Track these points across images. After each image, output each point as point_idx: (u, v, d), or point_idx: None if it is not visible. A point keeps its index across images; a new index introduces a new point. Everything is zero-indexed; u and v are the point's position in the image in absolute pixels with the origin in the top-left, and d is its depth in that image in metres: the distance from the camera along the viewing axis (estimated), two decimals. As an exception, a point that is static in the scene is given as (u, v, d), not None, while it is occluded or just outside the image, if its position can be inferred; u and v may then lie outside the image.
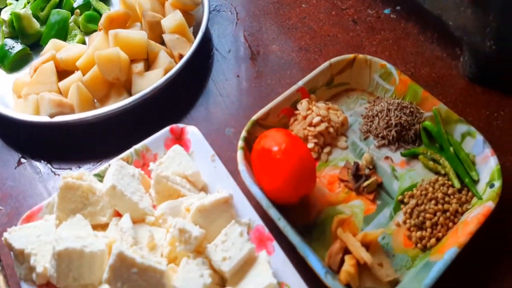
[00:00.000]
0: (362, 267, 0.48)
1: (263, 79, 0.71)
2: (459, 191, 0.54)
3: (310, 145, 0.60)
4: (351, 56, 0.65)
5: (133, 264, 0.43)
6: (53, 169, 0.63)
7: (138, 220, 0.52)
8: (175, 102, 0.68)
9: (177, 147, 0.57)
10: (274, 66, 0.73)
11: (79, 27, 0.79)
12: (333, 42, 0.76)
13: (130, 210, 0.51)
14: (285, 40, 0.77)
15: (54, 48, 0.72)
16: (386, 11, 0.80)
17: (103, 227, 0.53)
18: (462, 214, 0.53)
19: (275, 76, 0.72)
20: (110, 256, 0.43)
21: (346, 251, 0.49)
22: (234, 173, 0.57)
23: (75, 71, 0.69)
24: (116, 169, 0.53)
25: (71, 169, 0.62)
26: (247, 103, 0.68)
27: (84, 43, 0.78)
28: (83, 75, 0.66)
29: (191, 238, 0.47)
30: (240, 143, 0.56)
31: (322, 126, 0.59)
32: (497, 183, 0.51)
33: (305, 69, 0.72)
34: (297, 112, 0.62)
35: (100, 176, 0.56)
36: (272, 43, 0.77)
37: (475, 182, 0.54)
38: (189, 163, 0.56)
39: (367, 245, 0.50)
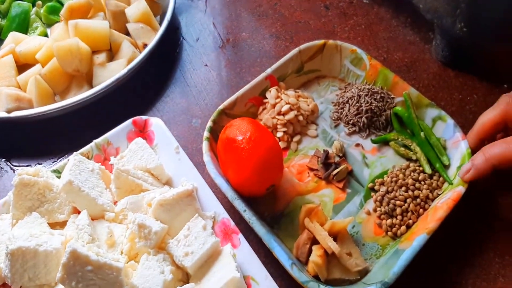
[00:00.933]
0: (330, 257, 0.47)
1: (232, 68, 0.69)
2: (430, 176, 0.53)
3: (279, 134, 0.58)
4: (321, 42, 0.63)
5: (87, 262, 0.41)
6: (13, 166, 0.60)
7: (98, 216, 0.50)
8: (140, 93, 0.66)
9: (139, 140, 0.55)
10: (243, 54, 0.71)
11: (41, 19, 0.76)
12: (304, 28, 0.74)
13: (88, 207, 0.49)
14: (255, 28, 0.75)
15: (13, 41, 0.69)
16: (359, -4, 0.78)
17: (62, 225, 0.50)
18: (433, 200, 0.51)
19: (245, 64, 0.69)
20: (65, 254, 0.41)
21: (314, 241, 0.47)
22: (201, 165, 0.55)
23: (36, 65, 0.66)
24: (74, 164, 0.50)
25: (30, 165, 0.60)
26: (215, 92, 0.66)
27: (46, 35, 0.75)
28: (43, 68, 0.63)
29: (150, 233, 0.45)
30: (206, 133, 0.54)
31: (291, 115, 0.57)
32: (468, 167, 0.50)
33: (276, 56, 0.70)
34: (266, 100, 0.60)
35: (58, 172, 0.53)
36: (242, 31, 0.74)
37: (446, 167, 0.53)
38: (151, 156, 0.54)
39: (336, 235, 0.48)
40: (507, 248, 0.50)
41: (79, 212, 0.50)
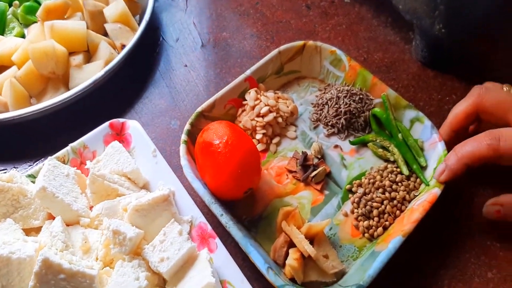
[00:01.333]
0: (307, 260, 0.47)
1: (212, 68, 0.68)
2: (408, 178, 0.53)
3: (258, 136, 0.57)
4: (300, 43, 0.62)
5: (60, 270, 0.40)
6: (-12, 171, 0.59)
7: (73, 222, 0.49)
8: (118, 95, 0.65)
9: (115, 144, 0.54)
10: (224, 54, 0.70)
11: (18, 19, 0.75)
12: (285, 28, 0.74)
13: (63, 212, 0.48)
14: (236, 27, 0.74)
15: (-12, 42, 0.68)
16: (340, -5, 0.78)
17: (37, 230, 0.50)
18: (409, 201, 0.51)
19: (225, 65, 0.69)
20: (38, 262, 0.41)
21: (291, 244, 0.47)
22: (179, 168, 0.54)
23: (12, 67, 0.65)
24: (48, 169, 0.50)
25: (6, 169, 0.59)
26: (195, 93, 0.65)
27: (23, 36, 0.73)
28: (19, 70, 0.62)
29: (125, 239, 0.45)
30: (183, 136, 0.53)
31: (270, 117, 0.57)
32: (444, 169, 0.50)
33: (257, 57, 0.69)
34: (245, 102, 0.59)
35: (33, 177, 0.53)
36: (223, 30, 0.74)
37: (424, 168, 0.53)
38: (128, 160, 0.53)
39: (313, 237, 0.48)
40: (482, 248, 0.50)
41: (54, 218, 0.49)
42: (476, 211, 0.52)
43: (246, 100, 0.59)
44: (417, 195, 0.51)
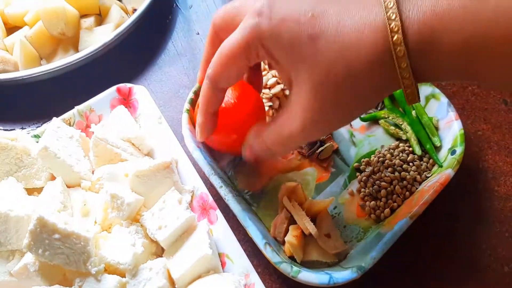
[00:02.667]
0: (308, 239, 0.45)
1: (225, 38, 0.66)
2: (420, 158, 0.50)
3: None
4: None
5: (54, 229, 0.40)
6: (-4, 130, 0.59)
7: (74, 184, 0.49)
8: (128, 60, 0.64)
9: (121, 108, 0.53)
10: (238, 23, 0.68)
11: (33, -20, 0.74)
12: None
13: (64, 174, 0.48)
14: (253, -4, 0.71)
15: (3, 2, 0.67)
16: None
17: (39, 191, 0.50)
18: (420, 183, 0.49)
19: (239, 34, 0.67)
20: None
21: (292, 221, 0.46)
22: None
23: (24, 27, 0.65)
24: (52, 129, 0.49)
25: (14, 129, 0.59)
26: (205, 63, 0.64)
27: (38, -3, 0.73)
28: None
29: (123, 204, 0.44)
30: (186, 105, 0.52)
31: (278, 88, 0.55)
32: (459, 149, 0.47)
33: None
34: (254, 72, 0.57)
35: (39, 137, 0.52)
36: (239, -1, 0.71)
37: (438, 148, 0.50)
38: (133, 125, 0.52)
39: (315, 215, 0.46)
40: (500, 240, 0.47)
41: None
42: (494, 198, 0.50)
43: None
44: (429, 177, 0.49)
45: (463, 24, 0.27)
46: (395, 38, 0.29)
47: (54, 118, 0.51)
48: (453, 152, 0.48)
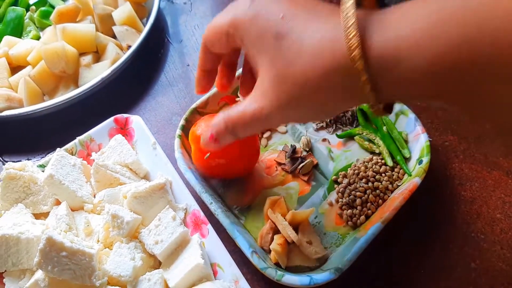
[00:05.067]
0: (292, 246, 0.50)
1: (212, 68, 0.72)
2: (392, 169, 0.55)
3: (251, 131, 0.61)
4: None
5: (62, 248, 0.45)
6: (5, 162, 0.64)
7: (77, 207, 0.54)
8: (124, 93, 0.70)
9: (118, 137, 0.58)
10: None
11: (34, 23, 0.81)
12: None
13: (68, 198, 0.53)
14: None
15: (7, 44, 0.74)
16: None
17: (46, 215, 0.54)
18: (392, 191, 0.54)
19: (225, 64, 0.73)
20: (44, 242, 0.45)
21: (276, 231, 0.51)
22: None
23: (27, 66, 0.71)
24: (56, 159, 0.54)
25: (20, 160, 0.64)
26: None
27: (39, 39, 0.79)
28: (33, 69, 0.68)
29: (123, 223, 0.49)
30: (178, 131, 0.57)
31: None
32: (425, 159, 0.52)
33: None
34: (238, 99, 0.63)
35: (44, 167, 0.57)
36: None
37: (407, 159, 0.55)
38: (129, 151, 0.57)
39: (297, 225, 0.51)
40: (465, 239, 0.52)
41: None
42: (461, 202, 0.54)
43: (238, 97, 0.63)
44: (400, 185, 0.54)
45: (427, 43, 0.27)
46: (353, 54, 0.29)
47: (58, 149, 0.57)
48: (420, 162, 0.53)
